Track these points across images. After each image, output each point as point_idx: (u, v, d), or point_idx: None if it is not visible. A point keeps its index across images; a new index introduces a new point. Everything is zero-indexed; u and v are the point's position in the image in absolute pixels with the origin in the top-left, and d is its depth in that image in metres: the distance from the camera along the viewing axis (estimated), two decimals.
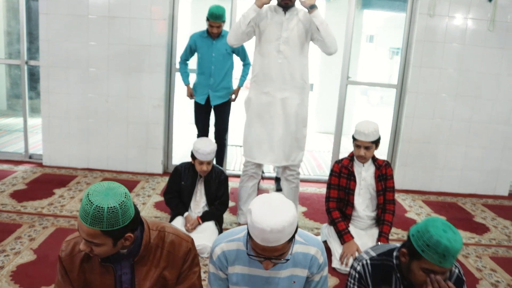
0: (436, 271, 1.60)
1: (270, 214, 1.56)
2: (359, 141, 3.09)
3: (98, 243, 1.57)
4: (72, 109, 4.89)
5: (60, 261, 1.77)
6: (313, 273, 1.83)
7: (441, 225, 1.60)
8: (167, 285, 1.81)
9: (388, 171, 3.24)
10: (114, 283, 1.76)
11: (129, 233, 1.62)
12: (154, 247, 1.77)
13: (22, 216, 3.67)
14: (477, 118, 4.94)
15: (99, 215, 1.52)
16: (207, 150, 3.21)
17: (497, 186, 5.13)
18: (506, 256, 3.57)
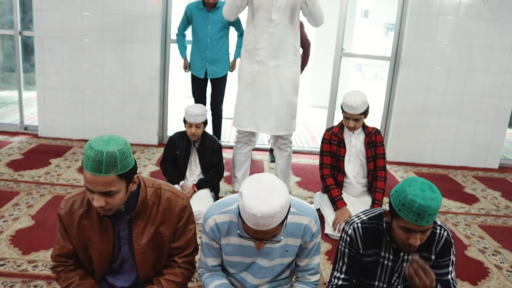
0: (414, 230, 1.63)
1: (261, 198, 1.53)
2: (348, 113, 3.13)
3: (114, 191, 1.59)
4: (67, 80, 4.89)
5: (59, 219, 1.81)
6: (306, 241, 1.85)
7: (419, 185, 1.62)
8: (163, 241, 1.85)
9: (378, 138, 3.28)
10: (112, 239, 1.81)
11: (136, 175, 1.69)
12: (151, 203, 1.80)
13: (19, 184, 3.71)
14: (470, 91, 4.98)
15: (113, 160, 1.55)
16: (195, 111, 3.26)
17: (488, 159, 5.21)
18: (494, 225, 3.67)
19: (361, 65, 11.50)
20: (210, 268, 1.92)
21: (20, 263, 2.59)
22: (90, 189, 1.59)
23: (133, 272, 1.90)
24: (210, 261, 1.92)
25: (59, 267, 1.86)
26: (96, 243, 1.80)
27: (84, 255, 1.85)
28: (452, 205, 4.00)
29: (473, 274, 2.87)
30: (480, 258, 3.09)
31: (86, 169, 1.57)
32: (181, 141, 3.41)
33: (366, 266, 1.86)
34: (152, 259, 1.86)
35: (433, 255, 1.82)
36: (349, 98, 3.12)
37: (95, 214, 1.77)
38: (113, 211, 1.68)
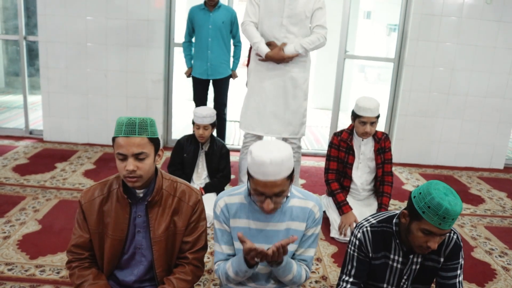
0: (435, 233, 1.63)
1: (268, 149, 1.68)
2: (365, 117, 3.05)
3: (145, 154, 1.73)
4: (72, 84, 4.91)
5: (80, 207, 1.89)
6: (306, 226, 1.87)
7: (442, 189, 1.63)
8: (176, 233, 1.90)
9: (387, 144, 3.25)
10: (127, 226, 1.86)
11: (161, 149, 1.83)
12: (166, 194, 1.89)
13: (26, 188, 3.72)
14: (473, 92, 4.98)
15: (144, 124, 1.74)
16: (203, 113, 3.29)
17: (493, 159, 5.20)
18: (500, 226, 3.66)
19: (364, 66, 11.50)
20: (226, 256, 1.93)
21: (28, 268, 2.60)
22: (124, 153, 1.71)
23: (143, 265, 1.93)
24: (225, 248, 1.92)
25: (74, 262, 1.90)
26: (111, 229, 1.86)
27: (99, 245, 1.89)
28: None
29: (480, 275, 2.86)
30: (487, 259, 3.08)
31: (119, 135, 1.72)
32: (189, 144, 3.42)
33: (375, 269, 1.86)
34: (166, 249, 1.90)
35: (442, 257, 1.82)
36: (365, 101, 3.07)
37: (114, 200, 1.87)
38: (142, 180, 1.77)
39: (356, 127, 3.15)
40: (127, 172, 1.72)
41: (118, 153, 1.73)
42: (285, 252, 1.70)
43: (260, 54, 3.31)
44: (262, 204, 1.73)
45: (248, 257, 1.72)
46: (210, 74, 4.38)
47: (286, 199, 1.82)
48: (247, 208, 1.86)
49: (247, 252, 1.69)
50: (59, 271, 2.57)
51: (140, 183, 1.77)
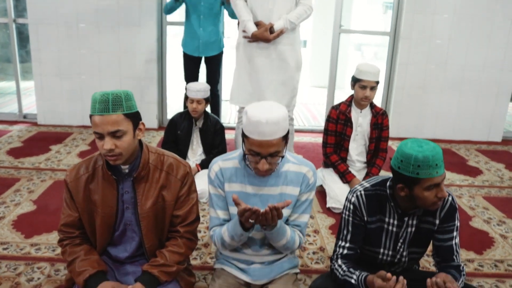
0: (438, 182, 1.62)
1: (264, 109, 1.68)
2: (365, 81, 3.06)
3: (122, 131, 1.67)
4: (64, 67, 4.84)
5: (66, 186, 1.85)
6: (300, 191, 1.86)
7: (415, 145, 1.62)
8: (166, 207, 1.86)
9: (385, 121, 3.24)
10: (116, 203, 1.83)
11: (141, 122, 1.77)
12: (153, 168, 1.84)
13: (20, 171, 3.69)
14: (471, 65, 4.92)
15: (118, 99, 1.66)
16: (197, 87, 3.26)
17: (491, 132, 5.17)
18: (499, 196, 3.64)
19: (361, 44, 11.38)
20: (222, 222, 1.90)
21: (23, 247, 2.58)
22: (99, 132, 1.66)
23: (135, 241, 1.90)
24: (221, 213, 1.90)
25: (65, 240, 1.88)
26: (100, 206, 1.82)
27: (89, 223, 1.86)
28: (455, 178, 3.97)
29: (478, 244, 2.86)
30: (485, 228, 3.07)
31: (94, 113, 1.66)
32: (182, 121, 3.38)
33: (370, 234, 1.84)
34: (155, 224, 1.87)
35: (437, 219, 1.80)
36: (365, 66, 3.12)
37: (100, 177, 1.82)
38: (122, 158, 1.71)
39: (356, 92, 3.14)
40: (106, 151, 1.67)
41: (95, 132, 1.68)
42: (280, 215, 1.68)
43: (246, 32, 3.26)
44: (257, 165, 1.71)
45: (242, 219, 1.70)
46: (201, 51, 4.30)
47: (281, 161, 1.79)
48: (241, 172, 1.85)
49: (241, 213, 1.68)
50: (54, 249, 2.55)
51: (121, 161, 1.72)
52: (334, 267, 1.84)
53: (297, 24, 3.27)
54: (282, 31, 3.20)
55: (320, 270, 2.48)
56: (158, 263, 1.83)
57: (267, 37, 3.18)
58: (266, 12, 3.21)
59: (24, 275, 2.31)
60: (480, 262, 2.64)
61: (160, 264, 1.83)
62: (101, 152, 1.74)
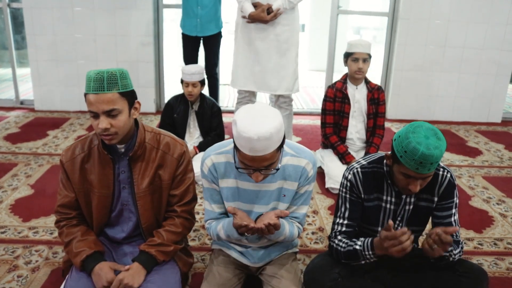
0: (414, 177, 1.60)
1: (256, 122, 1.49)
2: (357, 53, 3.07)
3: (117, 110, 1.64)
4: (60, 52, 4.80)
5: (62, 167, 1.84)
6: (300, 184, 1.79)
7: (424, 131, 1.56)
8: (162, 186, 1.85)
9: (381, 96, 3.23)
10: (112, 182, 1.81)
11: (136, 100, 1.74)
12: (149, 147, 1.83)
13: (17, 156, 3.67)
14: (470, 44, 4.87)
15: (113, 78, 1.63)
16: (191, 70, 3.21)
17: (490, 113, 5.14)
18: (498, 176, 3.63)
19: (360, 28, 11.28)
20: (217, 215, 1.86)
21: (21, 230, 2.57)
22: (94, 111, 1.63)
23: (132, 221, 1.89)
24: (216, 207, 1.85)
25: (62, 221, 1.87)
26: (97, 186, 1.81)
27: (86, 203, 1.85)
28: (455, 158, 3.95)
29: (478, 222, 2.85)
30: (484, 207, 3.06)
31: (88, 92, 1.63)
32: (178, 104, 3.35)
33: (368, 212, 1.83)
34: (152, 203, 1.86)
35: (436, 196, 1.78)
36: (355, 40, 3.14)
37: (96, 157, 1.81)
38: (118, 137, 1.69)
39: (349, 66, 3.13)
40: (101, 130, 1.64)
41: (90, 111, 1.65)
42: (277, 228, 1.65)
43: (243, 13, 3.22)
44: (251, 176, 1.63)
45: (239, 231, 1.70)
46: (199, 30, 4.24)
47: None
48: (235, 168, 1.72)
49: (237, 227, 1.65)
50: (52, 232, 2.54)
51: (116, 140, 1.70)
52: (333, 244, 1.82)
53: (296, 3, 3.22)
54: (280, 11, 3.15)
55: (319, 250, 2.48)
56: (155, 243, 1.82)
57: (264, 17, 3.13)
58: None
59: (22, 258, 2.30)
60: (480, 241, 2.63)
61: (157, 244, 1.82)
62: (96, 132, 1.71)
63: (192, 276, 2.17)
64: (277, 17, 3.16)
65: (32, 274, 2.17)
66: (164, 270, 1.83)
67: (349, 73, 3.17)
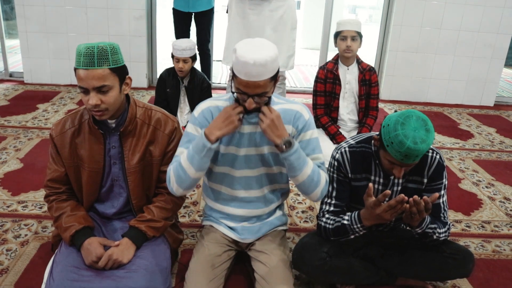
0: (399, 165, 1.62)
1: (254, 50, 1.59)
2: (345, 31, 3.01)
3: (108, 86, 1.62)
4: (50, 23, 4.70)
5: (52, 141, 1.81)
6: (298, 129, 1.77)
7: (413, 122, 1.55)
8: (153, 162, 1.84)
9: (373, 77, 3.18)
10: (103, 157, 1.80)
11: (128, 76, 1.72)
12: (140, 122, 1.81)
13: (6, 129, 3.63)
14: (466, 26, 4.84)
15: (104, 53, 1.60)
16: (182, 45, 3.17)
17: (483, 96, 5.15)
18: (488, 159, 3.65)
19: (355, 7, 11.21)
20: None
21: (10, 204, 2.55)
22: (84, 86, 1.61)
23: (122, 196, 1.89)
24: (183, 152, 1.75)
25: (51, 196, 1.86)
26: (87, 162, 1.79)
27: (75, 178, 1.84)
28: (446, 141, 3.97)
29: (467, 205, 2.87)
30: (473, 190, 3.08)
31: (78, 67, 1.60)
32: (170, 78, 3.31)
33: (357, 192, 1.83)
34: (142, 179, 1.85)
35: (425, 178, 1.79)
36: (344, 19, 3.09)
37: (86, 132, 1.79)
38: (108, 113, 1.67)
39: (339, 45, 3.09)
40: (91, 106, 1.62)
41: (79, 86, 1.62)
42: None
43: None
44: (244, 103, 1.66)
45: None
46: (191, 6, 4.16)
47: (269, 101, 1.73)
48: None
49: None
50: (41, 206, 2.53)
51: (107, 116, 1.68)
52: (321, 223, 1.84)
53: None
54: None
55: (309, 228, 2.49)
56: (145, 219, 1.82)
57: None
58: None
59: (11, 232, 2.29)
60: (468, 223, 2.66)
61: (147, 220, 1.81)
62: (86, 107, 1.69)
63: (181, 252, 2.18)
64: None
65: (21, 248, 2.16)
66: (154, 246, 1.82)
67: (339, 53, 3.13)
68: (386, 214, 1.61)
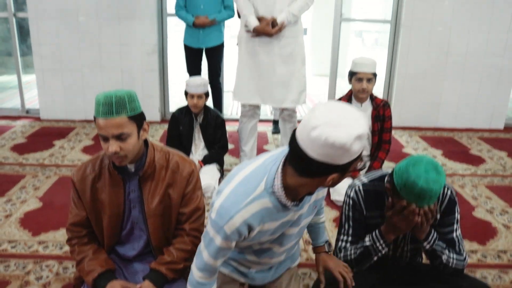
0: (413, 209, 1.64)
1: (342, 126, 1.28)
2: (361, 73, 3.05)
3: (127, 134, 1.67)
4: (65, 61, 4.84)
5: (73, 185, 1.86)
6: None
7: (424, 165, 1.58)
8: (172, 205, 1.88)
9: (386, 112, 3.21)
10: (123, 201, 1.85)
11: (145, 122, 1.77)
12: (159, 166, 1.86)
13: (25, 167, 3.71)
14: (472, 51, 4.90)
15: (122, 102, 1.65)
16: (196, 82, 3.25)
17: (493, 120, 5.17)
18: (501, 185, 3.65)
19: (362, 31, 11.30)
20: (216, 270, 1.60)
21: (31, 245, 2.61)
22: (104, 135, 1.66)
23: (142, 239, 1.93)
24: (220, 262, 1.57)
25: (73, 239, 1.90)
26: (107, 206, 1.84)
27: (96, 222, 1.88)
28: (458, 167, 3.98)
29: (481, 234, 2.87)
30: (488, 218, 3.09)
31: (98, 116, 1.65)
32: (183, 117, 3.39)
33: (371, 228, 1.86)
34: (162, 222, 1.89)
35: (438, 214, 1.82)
36: (359, 59, 3.10)
37: (107, 177, 1.83)
38: (127, 159, 1.73)
39: (353, 86, 3.13)
40: (111, 154, 1.68)
41: (99, 134, 1.68)
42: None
43: (248, 26, 3.25)
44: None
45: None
46: (202, 42, 4.29)
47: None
48: (273, 211, 1.48)
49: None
50: (62, 247, 2.58)
51: (126, 162, 1.74)
52: (341, 256, 1.88)
53: (299, 16, 3.25)
54: (284, 25, 3.18)
55: None
56: (166, 261, 1.85)
57: (269, 31, 3.16)
58: (268, 5, 3.19)
59: (33, 274, 2.34)
60: (483, 253, 2.66)
61: (168, 262, 1.85)
62: (106, 153, 1.75)
63: None
64: (281, 30, 3.19)
65: None
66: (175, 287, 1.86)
67: (353, 92, 3.18)
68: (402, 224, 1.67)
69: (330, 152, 1.24)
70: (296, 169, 1.35)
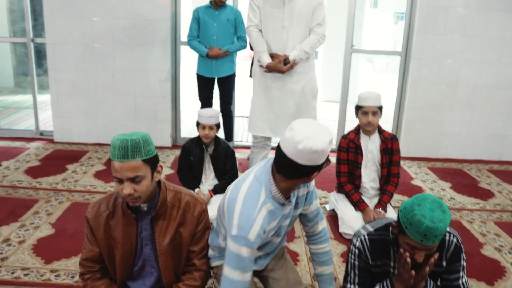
0: (419, 248, 1.66)
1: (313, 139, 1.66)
2: (366, 107, 3.12)
3: (141, 176, 1.72)
4: (80, 85, 4.95)
5: (87, 222, 1.92)
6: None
7: (429, 203, 1.62)
8: (182, 243, 1.93)
9: (395, 145, 3.26)
10: (135, 239, 1.90)
11: (159, 164, 1.83)
12: (170, 205, 1.91)
13: (38, 191, 3.78)
14: (482, 83, 4.94)
15: (137, 146, 1.70)
16: (209, 113, 3.32)
17: (503, 152, 5.17)
18: (510, 221, 3.65)
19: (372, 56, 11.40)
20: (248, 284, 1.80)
21: (43, 273, 2.66)
22: (119, 177, 1.71)
23: (153, 275, 1.98)
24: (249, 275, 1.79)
25: (86, 274, 1.95)
26: (120, 243, 1.89)
27: (109, 258, 1.93)
28: (467, 201, 3.99)
29: (489, 273, 2.87)
30: (496, 256, 3.08)
31: (113, 159, 1.71)
32: (194, 147, 3.45)
33: (376, 277, 1.88)
34: (172, 260, 1.94)
35: (444, 261, 1.84)
36: (365, 93, 3.18)
37: (120, 215, 1.89)
38: (141, 200, 1.78)
39: (360, 119, 3.20)
40: (125, 195, 1.73)
41: (114, 176, 1.74)
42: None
43: (261, 63, 3.34)
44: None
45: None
46: (214, 72, 4.38)
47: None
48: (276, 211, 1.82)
49: None
50: (73, 276, 2.62)
51: (139, 203, 1.79)
52: None
53: (311, 53, 3.33)
54: (296, 62, 3.26)
55: None
56: None
57: (281, 68, 3.24)
58: (280, 42, 3.28)
59: None
60: None
61: None
62: (120, 194, 1.80)
63: None
64: (293, 67, 3.27)
65: None
66: None
67: (361, 125, 3.25)
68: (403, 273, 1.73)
69: (314, 157, 1.63)
70: (286, 175, 1.72)
